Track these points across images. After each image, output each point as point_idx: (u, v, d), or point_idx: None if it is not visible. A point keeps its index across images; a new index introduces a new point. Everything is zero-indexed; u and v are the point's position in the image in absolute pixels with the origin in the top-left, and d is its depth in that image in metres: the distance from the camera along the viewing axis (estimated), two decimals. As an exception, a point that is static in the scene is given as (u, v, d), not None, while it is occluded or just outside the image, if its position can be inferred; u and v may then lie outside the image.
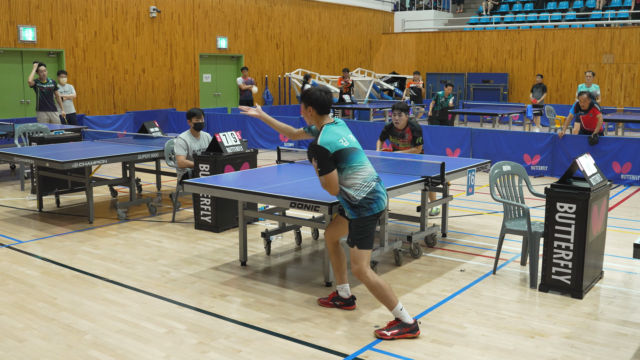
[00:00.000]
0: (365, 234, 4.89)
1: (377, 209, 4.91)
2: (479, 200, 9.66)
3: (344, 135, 4.95)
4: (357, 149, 4.97)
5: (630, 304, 5.56)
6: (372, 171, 5.00)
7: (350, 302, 5.41)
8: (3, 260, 6.79)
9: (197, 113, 8.50)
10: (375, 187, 4.92)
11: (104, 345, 4.69)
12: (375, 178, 4.98)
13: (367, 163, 5.02)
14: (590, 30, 22.69)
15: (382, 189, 5.00)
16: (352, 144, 4.96)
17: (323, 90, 5.09)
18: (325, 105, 5.04)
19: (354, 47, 26.08)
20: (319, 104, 5.01)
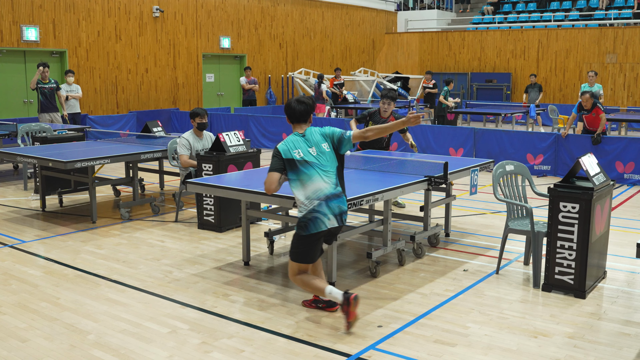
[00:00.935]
0: (297, 249, 5.06)
1: (313, 229, 4.92)
2: (482, 200, 9.66)
3: (302, 147, 5.03)
4: (311, 163, 4.97)
5: (633, 303, 5.55)
6: (321, 188, 4.93)
7: (332, 304, 5.33)
8: (6, 260, 6.80)
9: (200, 113, 8.50)
10: (316, 207, 4.90)
11: (107, 345, 4.70)
12: (322, 196, 4.92)
13: (319, 179, 4.95)
14: (594, 30, 22.65)
15: (325, 210, 4.91)
16: (308, 157, 4.99)
17: (297, 100, 5.18)
18: (293, 114, 5.16)
19: (357, 47, 26.08)
20: (288, 113, 5.19)
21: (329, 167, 5.04)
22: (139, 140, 9.75)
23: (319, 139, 5.12)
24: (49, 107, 13.05)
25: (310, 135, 5.13)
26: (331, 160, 5.09)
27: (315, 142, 5.09)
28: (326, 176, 4.99)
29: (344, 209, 5.04)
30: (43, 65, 12.98)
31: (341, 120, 15.72)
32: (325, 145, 5.11)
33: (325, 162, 5.04)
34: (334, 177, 5.04)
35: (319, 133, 5.16)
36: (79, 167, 7.88)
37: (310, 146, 5.06)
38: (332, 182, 5.00)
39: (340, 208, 5.01)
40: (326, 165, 5.04)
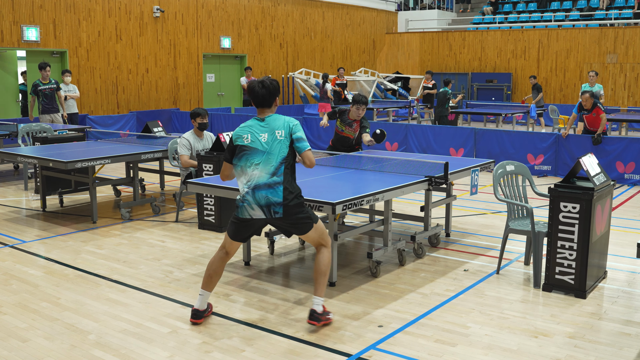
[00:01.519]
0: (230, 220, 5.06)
1: (239, 214, 4.92)
2: (483, 200, 9.66)
3: (253, 132, 4.87)
4: (255, 150, 4.84)
5: (633, 303, 5.55)
6: (255, 176, 4.83)
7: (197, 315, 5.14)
8: (7, 260, 6.80)
9: (201, 113, 8.50)
10: (244, 195, 4.87)
11: (108, 345, 4.70)
12: (252, 185, 4.83)
13: (256, 167, 4.84)
14: (594, 30, 22.65)
15: (251, 199, 4.83)
16: (255, 143, 4.85)
17: (260, 83, 4.94)
18: (256, 98, 4.93)
19: (357, 47, 26.08)
20: (251, 97, 4.98)
21: (273, 156, 4.84)
22: (139, 141, 9.75)
23: (278, 125, 4.91)
24: (50, 108, 12.97)
25: (272, 121, 4.93)
26: (279, 149, 4.86)
27: (272, 128, 4.89)
28: (265, 164, 4.82)
29: (272, 201, 4.81)
30: (43, 66, 12.91)
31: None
32: (280, 132, 4.88)
33: (272, 149, 4.84)
34: (274, 167, 4.82)
35: (283, 120, 4.95)
36: (80, 167, 7.88)
37: (263, 132, 4.88)
38: (268, 172, 4.81)
39: (267, 199, 4.81)
40: (271, 154, 4.84)
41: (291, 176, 4.93)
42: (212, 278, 5.07)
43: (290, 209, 4.85)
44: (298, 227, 4.97)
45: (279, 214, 4.84)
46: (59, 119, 13.17)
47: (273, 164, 4.83)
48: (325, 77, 18.87)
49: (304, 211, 4.96)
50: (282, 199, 4.82)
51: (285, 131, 4.90)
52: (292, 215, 4.88)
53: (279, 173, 4.83)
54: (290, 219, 4.89)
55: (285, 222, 4.92)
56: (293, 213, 4.87)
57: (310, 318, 4.95)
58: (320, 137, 15.27)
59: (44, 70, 12.80)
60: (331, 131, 15.07)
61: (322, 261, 5.02)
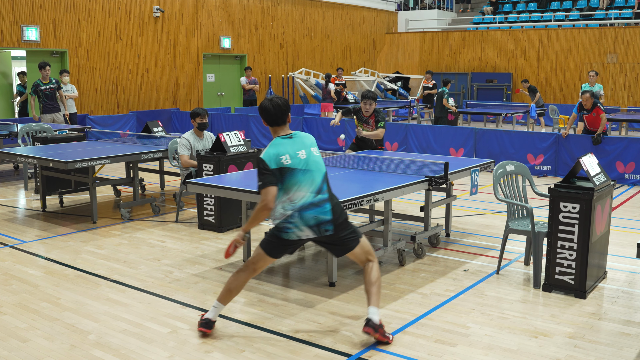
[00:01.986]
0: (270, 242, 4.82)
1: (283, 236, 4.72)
2: (483, 200, 9.66)
3: (290, 151, 4.67)
4: (297, 169, 4.65)
5: (633, 303, 5.55)
6: (300, 197, 4.64)
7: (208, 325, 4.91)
8: (6, 260, 6.80)
9: (201, 113, 8.50)
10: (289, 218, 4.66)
11: (108, 345, 4.70)
12: (296, 207, 4.63)
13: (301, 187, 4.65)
14: (594, 30, 22.65)
15: (298, 221, 4.65)
16: (295, 162, 4.65)
17: (270, 99, 4.80)
18: (270, 116, 4.78)
19: (357, 47, 26.08)
20: (264, 116, 4.81)
21: (315, 174, 4.72)
22: (139, 141, 9.75)
23: (310, 143, 4.82)
24: (51, 107, 12.99)
25: (301, 138, 4.81)
26: (320, 165, 4.78)
27: (306, 145, 4.78)
28: (310, 184, 4.67)
29: (322, 220, 4.66)
30: (42, 65, 12.92)
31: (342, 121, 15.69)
32: (315, 149, 4.82)
33: (313, 167, 4.73)
34: (318, 184, 4.71)
35: (308, 137, 4.87)
36: (80, 167, 7.88)
37: (299, 149, 4.72)
38: (313, 191, 4.67)
39: (317, 219, 4.65)
40: (314, 171, 4.71)
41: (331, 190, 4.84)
42: (232, 293, 4.85)
43: (339, 225, 4.73)
44: (345, 243, 4.81)
45: (329, 232, 4.70)
46: (61, 118, 13.18)
47: (317, 182, 4.70)
48: (328, 77, 18.87)
49: (350, 226, 4.83)
50: (332, 217, 4.69)
51: (316, 147, 4.87)
52: (340, 231, 4.75)
53: (323, 190, 4.72)
54: (339, 235, 4.75)
55: (333, 238, 4.77)
56: (342, 229, 4.75)
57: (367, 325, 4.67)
58: (320, 137, 15.27)
59: (43, 70, 12.80)
60: (331, 131, 15.08)
61: (373, 275, 4.83)
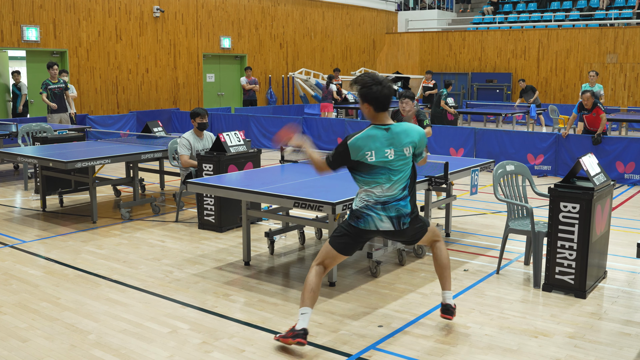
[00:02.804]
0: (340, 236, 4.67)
1: (361, 225, 4.56)
2: (483, 200, 9.66)
3: (378, 147, 4.44)
4: (381, 168, 4.46)
5: (633, 303, 5.55)
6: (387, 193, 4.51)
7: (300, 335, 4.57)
8: (6, 260, 6.80)
9: (201, 113, 8.51)
10: (372, 207, 4.53)
11: (108, 345, 4.70)
12: (382, 200, 4.51)
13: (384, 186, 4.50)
14: (594, 30, 22.65)
15: (381, 212, 4.52)
16: (380, 160, 4.45)
17: (374, 80, 4.41)
18: (377, 100, 4.41)
19: (357, 47, 26.08)
20: (370, 99, 4.44)
21: (401, 175, 4.52)
22: (139, 141, 9.75)
23: (406, 140, 4.49)
24: (59, 107, 13.07)
25: (396, 133, 4.47)
26: (407, 167, 4.55)
27: (398, 143, 4.47)
28: (396, 183, 4.52)
29: (403, 212, 4.56)
30: (50, 65, 12.97)
31: (342, 121, 15.71)
32: (407, 149, 4.50)
33: (399, 167, 4.50)
34: (403, 185, 4.55)
35: (408, 132, 4.51)
36: (80, 167, 7.88)
37: (389, 146, 4.45)
38: (399, 188, 4.53)
39: (399, 211, 4.55)
40: (399, 172, 4.51)
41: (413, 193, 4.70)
42: (315, 293, 4.64)
43: (415, 218, 4.68)
44: (417, 234, 4.80)
45: (406, 225, 4.61)
46: (67, 117, 13.24)
47: (403, 182, 4.55)
48: (330, 78, 18.85)
49: (421, 218, 4.82)
50: (411, 210, 4.62)
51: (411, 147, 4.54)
52: (415, 224, 4.70)
53: (405, 189, 4.57)
54: (414, 228, 4.70)
55: (408, 231, 4.69)
56: (416, 222, 4.71)
57: (445, 312, 4.92)
58: (320, 137, 15.27)
59: (51, 69, 12.90)
60: (331, 131, 15.08)
61: (442, 254, 4.98)
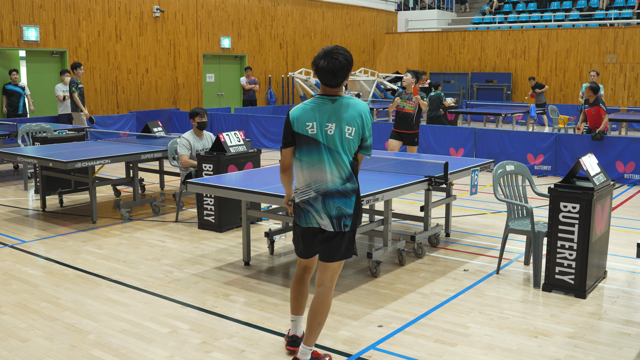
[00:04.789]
0: (294, 235, 4.34)
1: (304, 222, 4.13)
2: (483, 200, 9.65)
3: (319, 118, 3.95)
4: (322, 144, 3.96)
5: (633, 303, 5.55)
6: (324, 180, 4.01)
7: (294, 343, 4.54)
8: (6, 260, 6.80)
9: (199, 112, 8.51)
10: (311, 199, 4.05)
11: (108, 345, 4.70)
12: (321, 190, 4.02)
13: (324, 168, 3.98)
14: (594, 30, 22.65)
15: (317, 207, 4.04)
16: (321, 135, 3.95)
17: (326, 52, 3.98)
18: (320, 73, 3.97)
19: (357, 47, 26.07)
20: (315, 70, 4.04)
21: (343, 156, 3.99)
22: (139, 141, 9.75)
23: (351, 117, 3.95)
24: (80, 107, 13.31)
25: (339, 105, 3.96)
26: (350, 148, 4.01)
27: (343, 118, 3.94)
28: (335, 166, 3.99)
29: (343, 212, 4.03)
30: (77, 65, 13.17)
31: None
32: (352, 129, 3.96)
33: (342, 147, 3.97)
34: (345, 170, 4.01)
35: (357, 110, 3.98)
36: (79, 167, 7.88)
37: (331, 120, 3.94)
38: (339, 176, 4.00)
39: (340, 210, 4.03)
40: (341, 153, 3.98)
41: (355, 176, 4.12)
42: (297, 300, 4.43)
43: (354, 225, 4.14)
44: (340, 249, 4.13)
45: (345, 227, 4.07)
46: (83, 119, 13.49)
47: (342, 166, 4.01)
48: None
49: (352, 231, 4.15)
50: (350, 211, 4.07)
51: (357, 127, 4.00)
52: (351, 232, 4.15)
53: (347, 178, 4.04)
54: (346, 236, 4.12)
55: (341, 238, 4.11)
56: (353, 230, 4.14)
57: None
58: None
59: (78, 70, 13.20)
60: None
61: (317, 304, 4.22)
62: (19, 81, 14.80)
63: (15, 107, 14.69)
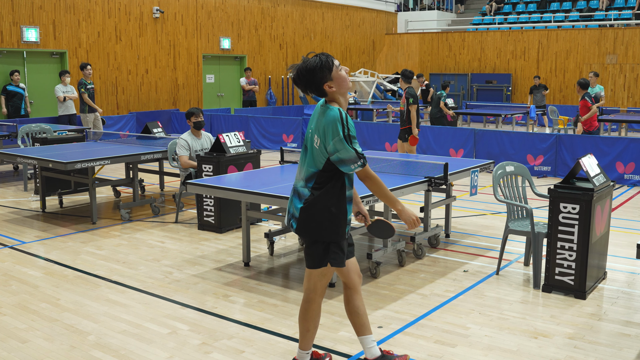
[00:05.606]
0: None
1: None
2: (482, 201, 9.65)
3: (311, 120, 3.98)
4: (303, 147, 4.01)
5: (633, 304, 5.55)
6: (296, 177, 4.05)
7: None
8: (6, 260, 6.79)
9: (195, 112, 8.53)
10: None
11: (107, 345, 4.70)
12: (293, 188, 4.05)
13: (299, 162, 4.04)
14: (594, 31, 22.66)
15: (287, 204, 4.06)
16: (307, 134, 3.98)
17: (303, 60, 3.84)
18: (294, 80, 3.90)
19: (357, 48, 26.08)
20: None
21: (309, 160, 3.91)
22: (139, 141, 9.76)
23: (320, 126, 3.82)
24: (91, 107, 13.48)
25: (318, 113, 3.89)
26: (314, 157, 3.87)
27: (315, 126, 3.88)
28: (302, 166, 3.96)
29: (292, 212, 3.93)
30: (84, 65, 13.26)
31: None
32: (318, 139, 3.83)
33: (310, 152, 3.90)
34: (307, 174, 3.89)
35: (324, 121, 3.79)
36: (79, 167, 7.88)
37: (311, 124, 3.94)
38: (302, 177, 3.93)
39: (291, 207, 3.96)
40: (309, 156, 3.92)
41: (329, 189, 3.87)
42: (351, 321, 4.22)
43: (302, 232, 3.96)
44: (312, 256, 4.00)
45: (293, 229, 3.99)
46: (99, 117, 13.64)
47: (305, 167, 3.94)
48: None
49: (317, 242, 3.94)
50: (299, 215, 3.91)
51: (320, 138, 3.82)
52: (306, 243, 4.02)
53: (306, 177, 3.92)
54: (320, 246, 3.95)
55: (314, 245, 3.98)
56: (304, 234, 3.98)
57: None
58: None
59: (85, 70, 13.40)
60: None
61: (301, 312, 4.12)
62: (20, 82, 14.80)
63: (17, 108, 14.69)
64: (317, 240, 3.93)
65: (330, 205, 3.87)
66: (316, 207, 3.87)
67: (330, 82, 3.79)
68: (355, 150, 3.75)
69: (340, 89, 3.84)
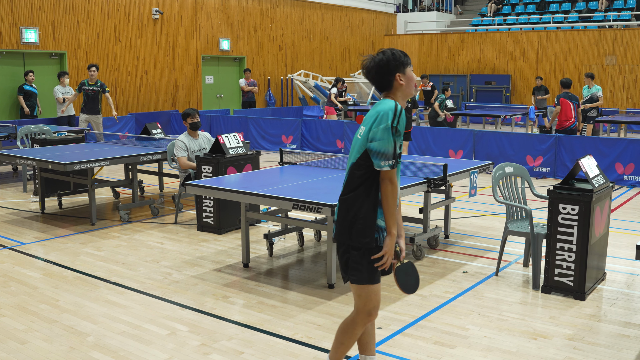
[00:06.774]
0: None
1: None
2: (482, 202, 9.66)
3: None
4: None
5: (632, 305, 5.55)
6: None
7: None
8: (5, 262, 6.79)
9: (191, 113, 8.54)
10: None
11: (106, 347, 4.69)
12: None
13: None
14: (593, 32, 22.67)
15: None
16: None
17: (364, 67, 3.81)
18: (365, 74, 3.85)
19: (356, 49, 26.08)
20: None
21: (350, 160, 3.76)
22: (138, 142, 9.76)
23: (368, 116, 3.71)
24: (90, 108, 13.42)
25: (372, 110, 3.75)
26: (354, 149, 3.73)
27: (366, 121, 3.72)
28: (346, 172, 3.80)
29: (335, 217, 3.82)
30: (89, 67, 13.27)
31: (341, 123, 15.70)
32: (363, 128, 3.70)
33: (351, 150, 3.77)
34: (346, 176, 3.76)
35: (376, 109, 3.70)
36: (79, 169, 7.88)
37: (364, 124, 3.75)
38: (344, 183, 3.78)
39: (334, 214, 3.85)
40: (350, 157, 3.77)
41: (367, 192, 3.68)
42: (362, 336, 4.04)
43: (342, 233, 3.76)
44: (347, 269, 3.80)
45: (333, 234, 3.82)
46: (98, 120, 13.50)
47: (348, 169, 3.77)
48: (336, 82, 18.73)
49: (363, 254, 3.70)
50: (337, 216, 3.79)
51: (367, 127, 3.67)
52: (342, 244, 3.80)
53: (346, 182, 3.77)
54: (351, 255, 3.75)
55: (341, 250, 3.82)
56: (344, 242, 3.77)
57: None
58: (319, 139, 15.27)
59: (89, 70, 13.29)
60: (330, 133, 15.07)
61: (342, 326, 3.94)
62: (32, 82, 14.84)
63: (32, 107, 14.75)
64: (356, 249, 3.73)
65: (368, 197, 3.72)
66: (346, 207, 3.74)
67: (402, 75, 3.72)
68: (394, 146, 3.59)
69: (406, 88, 3.75)
